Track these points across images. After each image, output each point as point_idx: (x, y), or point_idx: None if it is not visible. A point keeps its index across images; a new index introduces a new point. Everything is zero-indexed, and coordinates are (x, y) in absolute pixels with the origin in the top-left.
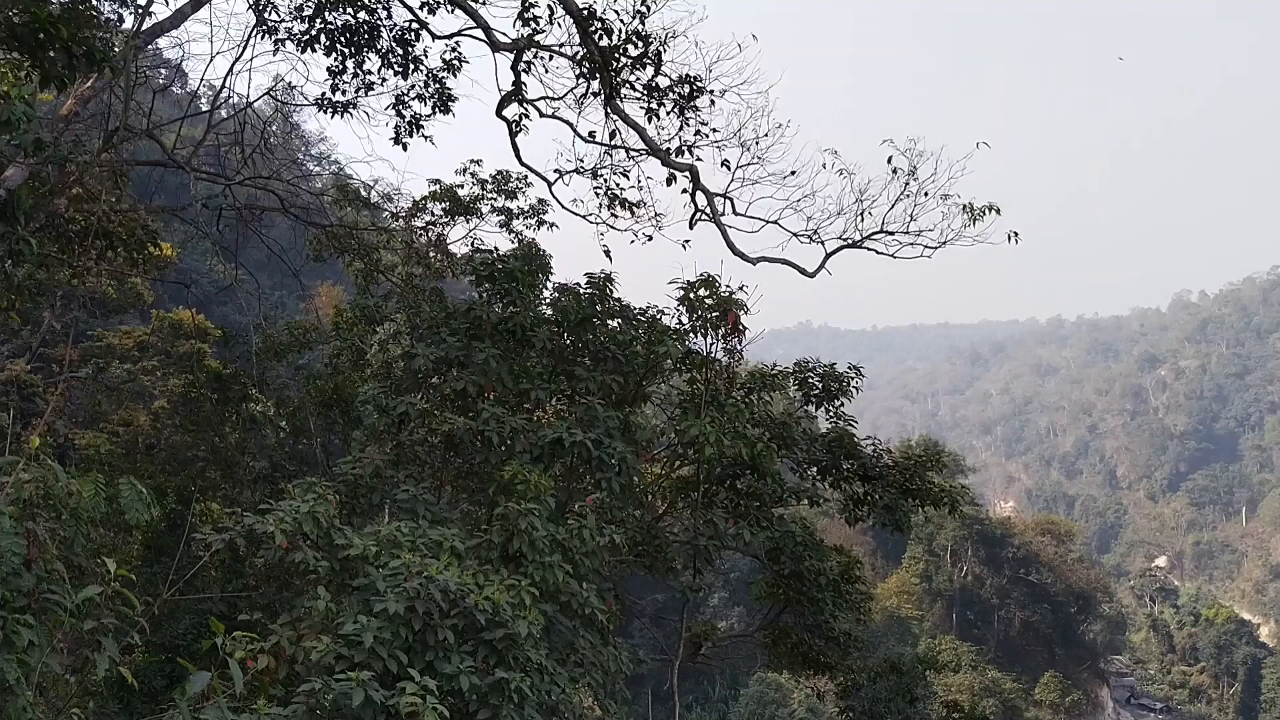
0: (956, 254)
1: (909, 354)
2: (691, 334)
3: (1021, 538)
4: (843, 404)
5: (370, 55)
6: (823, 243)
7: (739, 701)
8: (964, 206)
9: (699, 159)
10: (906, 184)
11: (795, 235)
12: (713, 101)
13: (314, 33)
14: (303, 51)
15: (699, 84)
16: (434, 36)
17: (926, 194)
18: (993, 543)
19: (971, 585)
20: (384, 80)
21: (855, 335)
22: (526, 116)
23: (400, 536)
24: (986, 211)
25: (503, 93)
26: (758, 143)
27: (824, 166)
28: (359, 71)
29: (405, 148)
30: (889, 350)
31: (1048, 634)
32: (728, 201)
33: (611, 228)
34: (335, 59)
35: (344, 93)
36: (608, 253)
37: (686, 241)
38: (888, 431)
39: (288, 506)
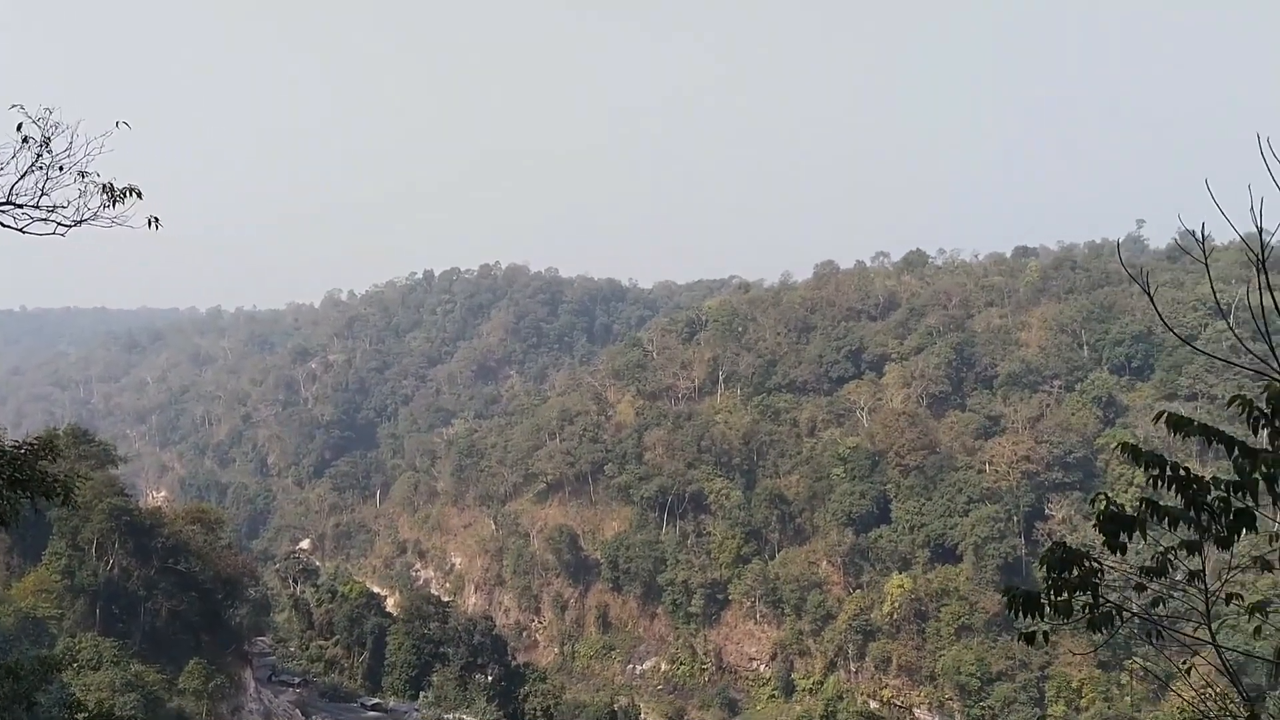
0: (120, 236)
1: (62, 338)
2: None
3: (172, 527)
4: None
5: None
6: None
7: None
8: (103, 186)
9: None
10: (39, 155)
11: None
12: None
13: None
14: None
15: None
16: None
17: (62, 168)
18: (142, 533)
19: (119, 578)
20: None
21: (2, 315)
22: None
23: None
24: (128, 194)
25: None
26: None
27: None
28: None
29: None
30: (40, 333)
31: (195, 622)
32: None
33: None
34: None
35: None
36: None
37: None
38: (35, 420)
39: None
